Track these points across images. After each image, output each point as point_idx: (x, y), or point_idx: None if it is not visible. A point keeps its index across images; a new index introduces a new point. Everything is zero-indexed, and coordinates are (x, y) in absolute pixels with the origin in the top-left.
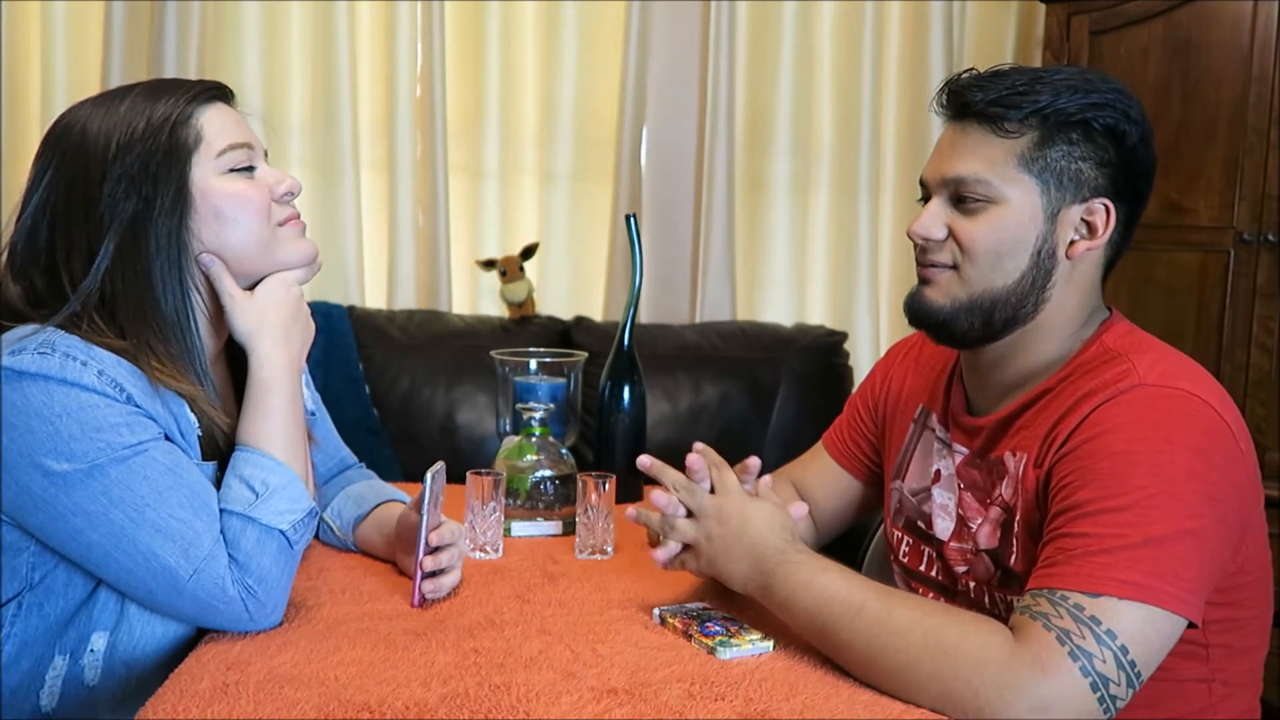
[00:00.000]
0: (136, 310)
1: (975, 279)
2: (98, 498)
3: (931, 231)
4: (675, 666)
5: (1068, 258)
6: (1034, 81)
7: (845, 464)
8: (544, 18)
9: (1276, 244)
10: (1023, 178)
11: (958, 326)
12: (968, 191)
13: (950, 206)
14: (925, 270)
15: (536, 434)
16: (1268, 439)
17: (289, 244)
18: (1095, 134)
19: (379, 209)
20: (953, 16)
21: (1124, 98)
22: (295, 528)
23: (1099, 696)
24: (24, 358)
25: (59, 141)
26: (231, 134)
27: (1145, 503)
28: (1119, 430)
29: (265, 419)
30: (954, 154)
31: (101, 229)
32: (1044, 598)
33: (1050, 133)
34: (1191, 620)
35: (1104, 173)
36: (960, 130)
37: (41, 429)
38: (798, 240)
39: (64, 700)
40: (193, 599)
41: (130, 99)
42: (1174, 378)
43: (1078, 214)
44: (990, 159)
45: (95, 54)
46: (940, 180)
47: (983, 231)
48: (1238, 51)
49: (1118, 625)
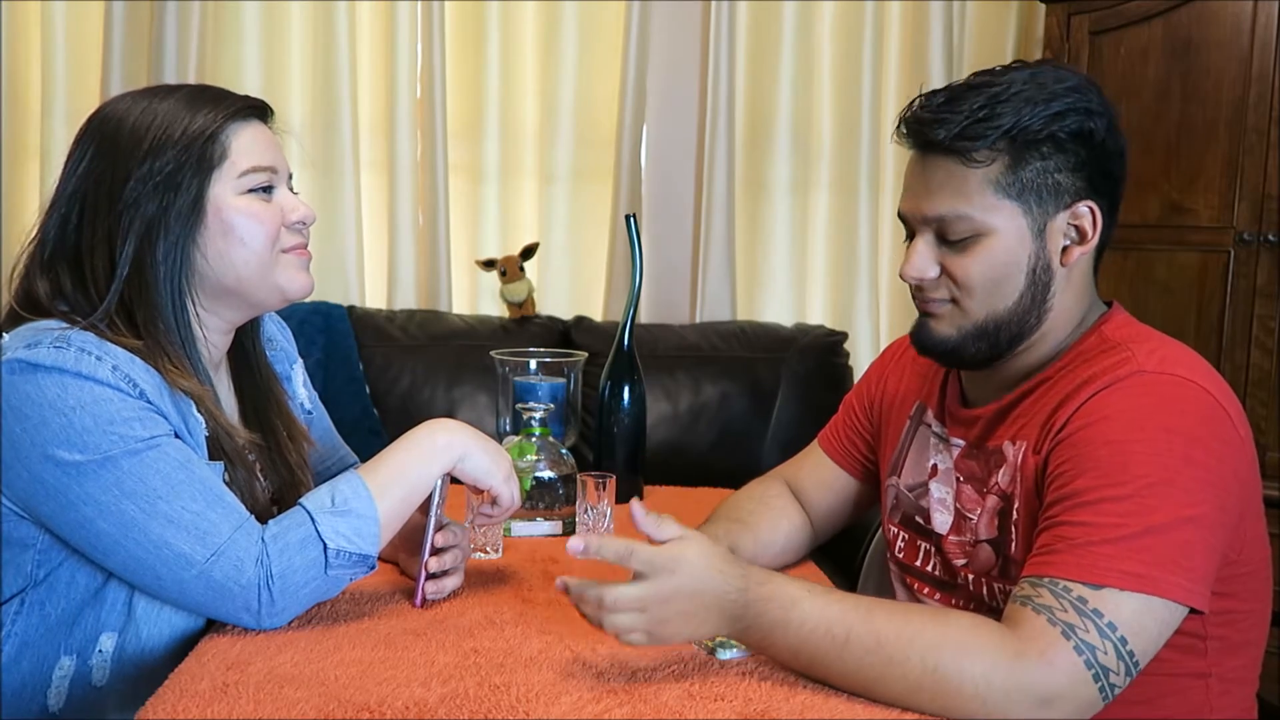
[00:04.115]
0: (148, 312)
1: (976, 309)
2: (109, 489)
3: (925, 273)
4: (675, 666)
5: (1062, 265)
6: (992, 102)
7: (841, 462)
8: (544, 18)
9: (1276, 244)
10: (1003, 203)
11: (966, 352)
12: (951, 229)
13: (937, 243)
14: (928, 305)
15: (536, 434)
16: (1268, 439)
17: (288, 272)
18: (1064, 142)
19: (379, 209)
20: (953, 16)
21: (1082, 95)
22: (340, 554)
23: (1100, 686)
24: (40, 351)
25: (97, 132)
26: (257, 156)
27: (1145, 491)
28: (1117, 417)
29: (388, 463)
30: (928, 193)
31: (121, 227)
32: (1045, 588)
33: (1020, 153)
34: (1197, 608)
35: (1080, 175)
36: (928, 165)
37: (55, 420)
38: (798, 240)
39: (71, 701)
40: (206, 583)
41: (172, 102)
42: (1173, 364)
43: (1064, 221)
44: (966, 193)
45: (95, 54)
46: (921, 219)
47: (975, 265)
48: (1238, 51)
49: (1119, 617)
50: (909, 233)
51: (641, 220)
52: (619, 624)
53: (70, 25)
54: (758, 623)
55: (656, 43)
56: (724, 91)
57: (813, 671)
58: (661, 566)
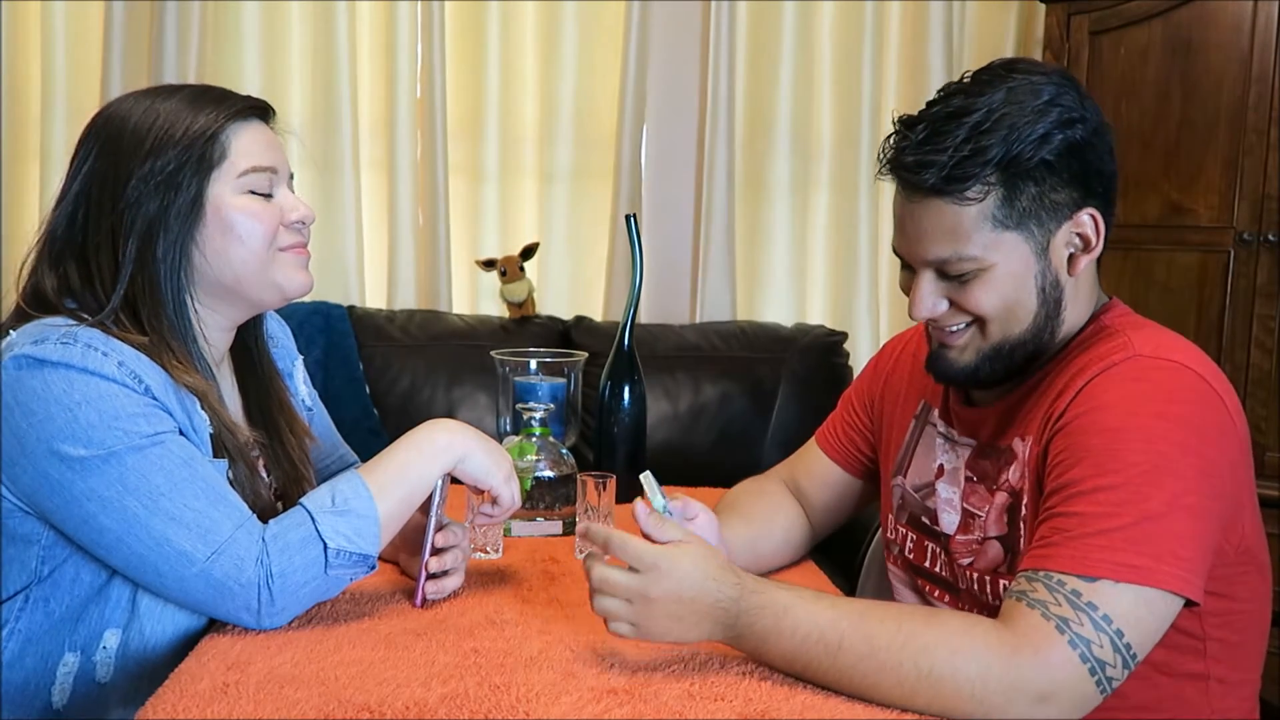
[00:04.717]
0: (152, 309)
1: (994, 331)
2: (113, 484)
3: (934, 311)
4: (675, 666)
5: (1070, 275)
6: (976, 134)
7: (839, 460)
8: (544, 18)
9: (1276, 244)
10: (1003, 236)
11: (985, 373)
12: (952, 268)
13: (940, 280)
14: (943, 335)
15: (536, 434)
16: (1268, 439)
17: (286, 270)
18: (1054, 162)
19: (379, 209)
20: (953, 16)
21: (1063, 108)
22: (340, 554)
23: (1096, 680)
24: (46, 347)
25: (101, 131)
26: (256, 157)
27: (1138, 480)
28: (1112, 405)
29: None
30: (923, 237)
31: (124, 225)
32: (1040, 582)
33: (1013, 182)
34: (1191, 599)
35: (1075, 186)
36: (919, 207)
37: (61, 415)
38: (798, 240)
39: (75, 698)
40: (206, 581)
41: (174, 102)
42: (1168, 350)
43: (1067, 233)
44: (963, 233)
45: (95, 54)
46: (920, 261)
47: (984, 296)
48: (1238, 51)
49: (1114, 610)
50: (906, 265)
51: (641, 220)
52: (605, 607)
53: (70, 25)
54: (750, 631)
55: (656, 43)
56: (724, 91)
57: (808, 677)
58: (652, 565)
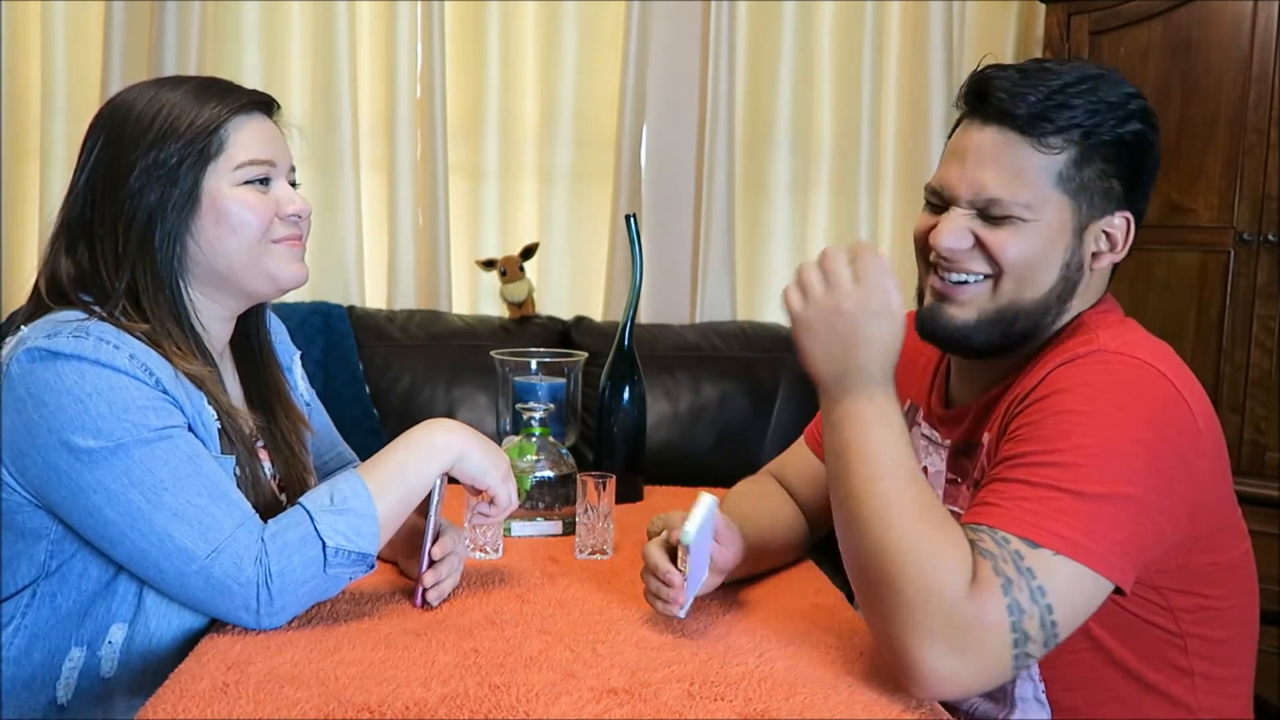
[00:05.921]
0: (152, 297)
1: (1007, 290)
2: (119, 476)
3: (959, 243)
4: (675, 666)
5: (1091, 270)
6: (1065, 90)
7: None
8: (544, 18)
9: (1276, 244)
10: (1057, 196)
11: (978, 339)
12: (997, 210)
13: (973, 215)
14: (949, 287)
15: (536, 434)
16: (1268, 439)
17: (279, 261)
18: (1124, 149)
19: (379, 209)
20: (953, 16)
21: (1143, 105)
22: (339, 553)
23: (1015, 654)
24: (59, 340)
25: (108, 120)
26: (255, 149)
27: (1085, 461)
28: (1071, 390)
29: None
30: (984, 169)
31: (125, 214)
32: (986, 534)
33: (1088, 152)
34: (1119, 586)
35: (1125, 184)
36: (992, 139)
37: (71, 406)
38: (798, 240)
39: (79, 693)
40: (205, 579)
41: (180, 94)
42: (1134, 348)
43: (1100, 227)
44: (1027, 180)
45: (95, 54)
46: (973, 194)
47: (1013, 243)
48: (1238, 51)
49: (1048, 581)
50: (932, 206)
51: (641, 220)
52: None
53: (70, 25)
54: (845, 404)
55: (656, 43)
56: (724, 92)
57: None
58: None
